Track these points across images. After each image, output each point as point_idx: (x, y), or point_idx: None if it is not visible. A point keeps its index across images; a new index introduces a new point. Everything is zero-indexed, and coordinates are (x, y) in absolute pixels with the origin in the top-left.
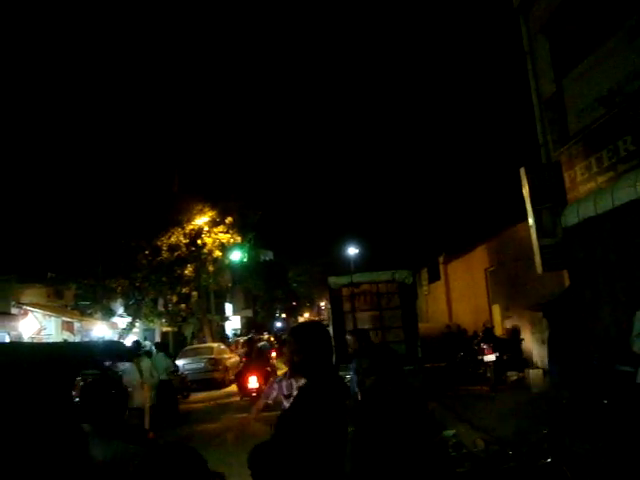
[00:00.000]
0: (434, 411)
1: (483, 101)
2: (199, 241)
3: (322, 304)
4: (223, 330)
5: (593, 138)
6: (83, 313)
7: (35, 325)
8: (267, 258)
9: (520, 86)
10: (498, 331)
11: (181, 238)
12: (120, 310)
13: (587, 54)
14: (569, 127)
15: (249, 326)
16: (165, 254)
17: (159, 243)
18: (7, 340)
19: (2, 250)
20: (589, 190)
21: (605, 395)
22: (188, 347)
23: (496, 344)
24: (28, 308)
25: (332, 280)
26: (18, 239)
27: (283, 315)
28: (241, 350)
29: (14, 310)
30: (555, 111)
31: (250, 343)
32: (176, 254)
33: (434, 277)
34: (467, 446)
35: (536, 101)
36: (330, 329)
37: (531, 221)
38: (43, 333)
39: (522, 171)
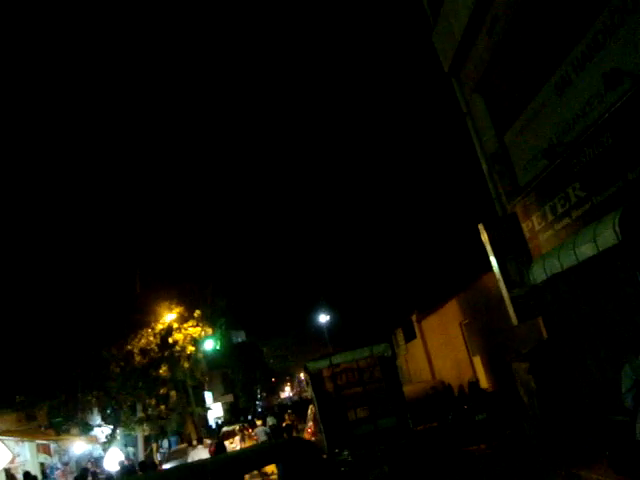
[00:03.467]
0: None
1: (435, 159)
2: (170, 339)
3: (302, 376)
4: (206, 421)
5: (543, 188)
6: (58, 431)
7: (7, 455)
8: (239, 339)
9: (468, 144)
10: (483, 383)
11: (151, 339)
12: (98, 421)
13: (522, 109)
14: (518, 179)
15: (232, 412)
16: (137, 358)
17: (130, 347)
18: None
19: None
20: (549, 238)
21: (606, 446)
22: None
23: (485, 399)
24: None
25: (311, 365)
26: None
27: (264, 394)
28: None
29: None
30: (502, 165)
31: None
32: (148, 356)
33: (410, 336)
34: None
35: (482, 157)
36: (316, 411)
37: (497, 274)
38: (17, 461)
39: (481, 227)
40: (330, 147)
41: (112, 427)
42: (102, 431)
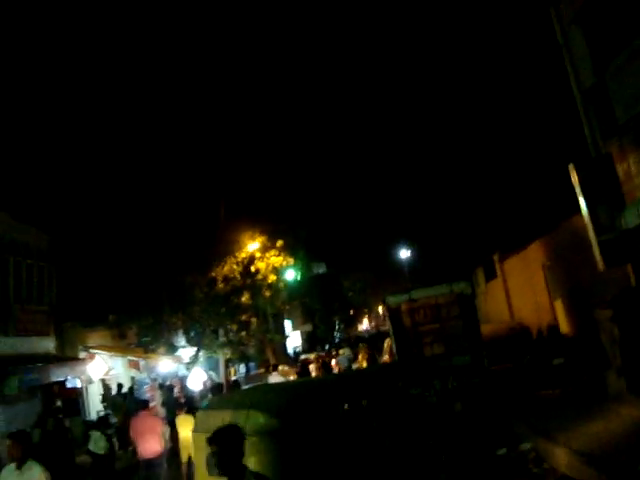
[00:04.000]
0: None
1: (525, 95)
2: (252, 268)
3: (380, 309)
4: (284, 348)
5: None
6: (147, 350)
7: (103, 367)
8: (320, 271)
9: (561, 79)
10: (564, 328)
11: (234, 267)
12: (182, 343)
13: (626, 43)
14: (617, 117)
15: (310, 341)
16: (220, 285)
17: (213, 274)
18: (78, 384)
19: (65, 298)
20: None
21: None
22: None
23: (564, 344)
24: (94, 351)
25: (390, 300)
26: (78, 286)
27: (342, 326)
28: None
29: (82, 354)
30: (599, 102)
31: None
32: (231, 284)
33: (490, 275)
34: (547, 460)
35: (577, 93)
36: (393, 345)
37: (586, 217)
38: (111, 373)
39: (571, 167)
40: (409, 75)
41: (195, 349)
42: (186, 352)
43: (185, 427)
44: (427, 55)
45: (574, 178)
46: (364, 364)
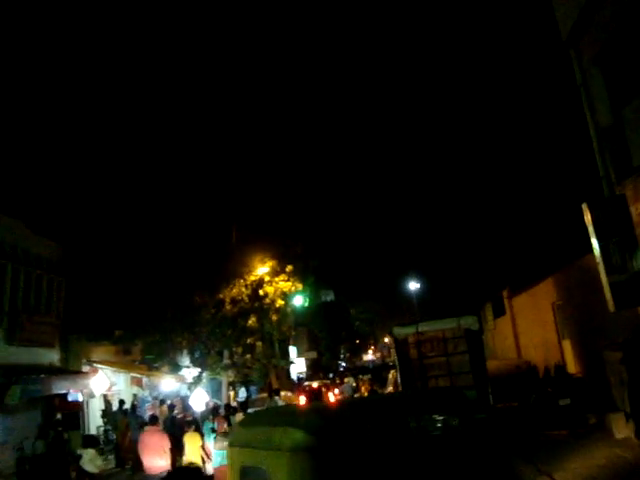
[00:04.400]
0: (513, 462)
1: (542, 133)
2: (261, 291)
3: (387, 340)
4: (288, 374)
5: None
6: (150, 367)
7: (106, 382)
8: (328, 298)
9: (577, 119)
10: (571, 368)
11: (243, 289)
12: (187, 362)
13: None
14: (633, 159)
15: (314, 368)
16: (228, 307)
17: (222, 296)
18: (80, 398)
19: (73, 312)
20: None
21: None
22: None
23: (570, 384)
24: (98, 365)
25: (397, 331)
26: (86, 300)
27: (347, 355)
28: None
29: (85, 368)
30: (615, 143)
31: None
32: (239, 306)
33: (499, 312)
34: None
35: (594, 133)
36: (398, 376)
37: (598, 257)
38: (113, 389)
39: (585, 207)
40: (421, 115)
41: (199, 369)
42: (190, 372)
43: (192, 444)
44: (446, 90)
45: (587, 217)
46: (365, 395)
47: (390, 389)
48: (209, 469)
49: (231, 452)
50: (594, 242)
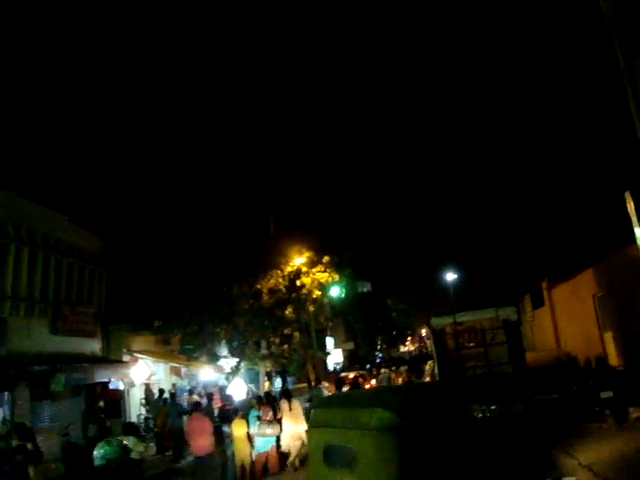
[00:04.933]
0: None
1: (584, 119)
2: (298, 282)
3: (424, 332)
4: (325, 365)
5: None
6: (189, 357)
7: (146, 371)
8: (365, 289)
9: (622, 106)
10: (612, 361)
11: (280, 280)
12: (224, 353)
13: None
14: None
15: (351, 359)
16: (265, 297)
17: (259, 287)
18: (121, 387)
19: (113, 303)
20: None
21: None
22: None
23: (612, 377)
24: (138, 355)
25: (434, 321)
26: (126, 291)
27: (384, 346)
28: None
29: (126, 357)
30: None
31: None
32: (276, 297)
33: (538, 303)
34: None
35: (638, 120)
36: (435, 367)
37: None
38: (153, 378)
39: (627, 195)
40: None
41: (237, 359)
42: (227, 362)
43: (239, 430)
44: (485, 82)
45: (630, 206)
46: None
47: (428, 379)
48: (253, 455)
49: (313, 433)
50: (637, 231)
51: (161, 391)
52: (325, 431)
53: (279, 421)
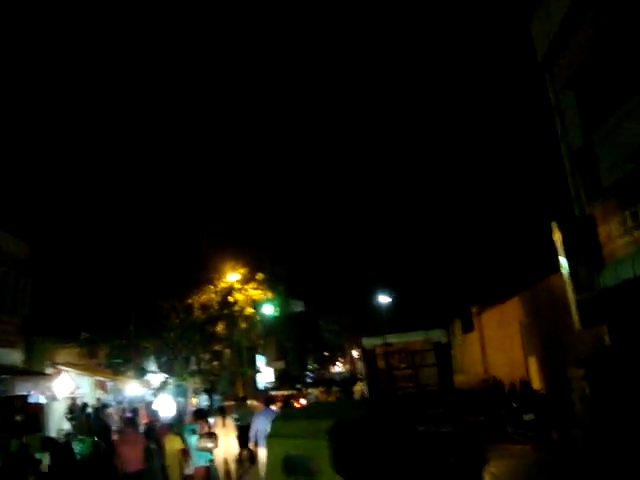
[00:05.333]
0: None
1: (513, 153)
2: (231, 298)
3: (355, 353)
4: (255, 383)
5: (627, 192)
6: (116, 372)
7: (70, 384)
8: (298, 309)
9: (550, 140)
10: (536, 385)
11: (213, 296)
12: (153, 368)
13: (617, 107)
14: (601, 180)
15: (281, 378)
16: (197, 312)
17: (191, 302)
18: (42, 400)
19: (38, 312)
20: (626, 245)
21: None
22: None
23: (535, 400)
24: (62, 367)
25: (366, 342)
26: (52, 301)
27: (315, 366)
28: None
29: (49, 370)
30: (586, 164)
31: None
32: (208, 312)
33: (468, 327)
34: None
35: (566, 154)
36: (365, 388)
37: (566, 276)
38: (77, 392)
39: (554, 225)
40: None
41: (165, 375)
42: (155, 377)
43: (173, 445)
44: (419, 107)
45: (556, 236)
46: None
47: None
48: (189, 470)
49: (273, 442)
50: (563, 261)
51: (84, 406)
52: (285, 442)
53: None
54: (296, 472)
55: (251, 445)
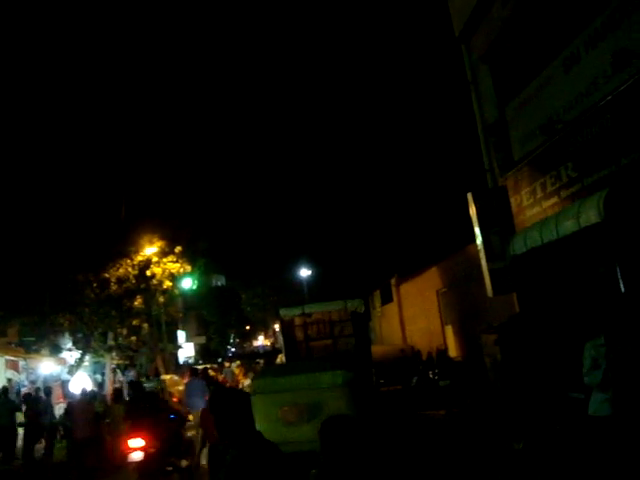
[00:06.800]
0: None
1: (434, 127)
2: (148, 272)
3: (277, 327)
4: (176, 359)
5: (537, 164)
6: (28, 350)
7: None
8: (219, 283)
9: (467, 113)
10: (452, 352)
11: (130, 270)
12: (68, 345)
13: (527, 82)
14: (513, 153)
15: (202, 353)
16: (113, 287)
17: (107, 275)
18: None
19: None
20: (535, 215)
21: (558, 421)
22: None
23: (451, 367)
24: None
25: (283, 312)
26: None
27: (237, 340)
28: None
29: None
30: (499, 137)
31: None
32: (125, 286)
33: (387, 299)
34: None
35: (480, 127)
36: (283, 359)
37: (480, 245)
38: None
39: (469, 196)
40: (325, 104)
41: (81, 352)
42: (71, 355)
43: None
44: (330, 81)
45: (471, 207)
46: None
47: None
48: None
49: (261, 398)
50: (477, 230)
51: None
52: (279, 395)
53: None
54: (297, 418)
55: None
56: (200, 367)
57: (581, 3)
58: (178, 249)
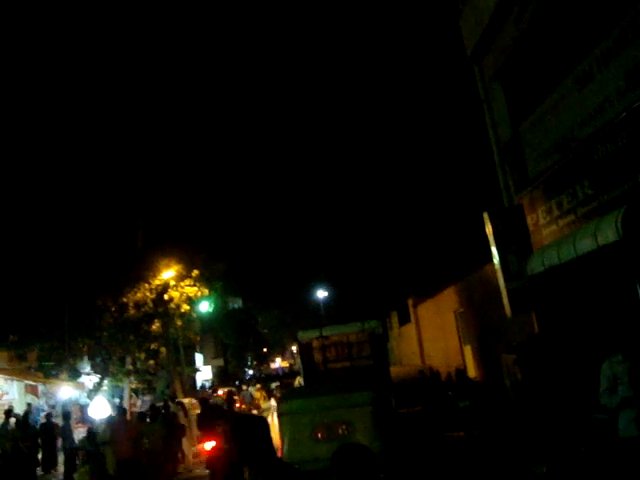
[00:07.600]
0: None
1: (448, 147)
2: (166, 296)
3: (294, 348)
4: (194, 382)
5: (552, 182)
6: (47, 375)
7: None
8: (236, 305)
9: (481, 132)
10: (471, 373)
11: (147, 294)
12: (87, 369)
13: (540, 101)
14: (528, 171)
15: (220, 376)
16: (131, 311)
17: (125, 300)
18: None
19: None
20: (552, 233)
21: (582, 443)
22: None
23: (470, 388)
24: None
25: (301, 335)
26: None
27: (255, 362)
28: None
29: None
30: (514, 156)
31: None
32: (142, 310)
33: (404, 319)
34: None
35: (495, 147)
36: (302, 382)
37: (497, 265)
38: (5, 398)
39: (485, 215)
40: (338, 128)
41: (100, 376)
42: (90, 379)
43: None
44: (349, 110)
45: (488, 226)
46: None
47: None
48: None
49: (290, 418)
50: (494, 250)
51: (7, 412)
52: (309, 416)
53: None
54: (327, 436)
55: None
56: (225, 390)
57: (592, 21)
58: (195, 273)
